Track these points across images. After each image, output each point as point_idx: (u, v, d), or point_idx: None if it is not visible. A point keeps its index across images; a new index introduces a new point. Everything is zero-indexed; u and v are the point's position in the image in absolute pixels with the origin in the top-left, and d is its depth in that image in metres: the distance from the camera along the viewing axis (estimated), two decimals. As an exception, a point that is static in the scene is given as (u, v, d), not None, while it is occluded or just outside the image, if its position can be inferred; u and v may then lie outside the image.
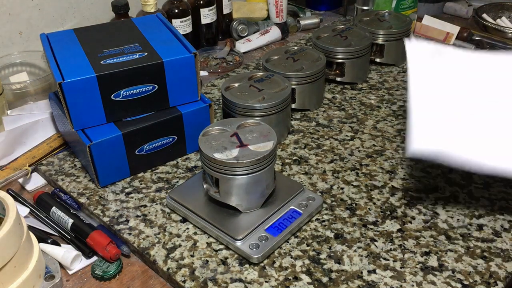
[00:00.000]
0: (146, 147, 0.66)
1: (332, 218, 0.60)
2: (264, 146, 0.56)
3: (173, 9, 0.94)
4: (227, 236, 0.56)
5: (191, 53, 0.66)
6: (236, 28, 1.06)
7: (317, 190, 0.64)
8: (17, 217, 0.50)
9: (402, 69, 0.92)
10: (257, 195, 0.58)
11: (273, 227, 0.57)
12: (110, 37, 0.70)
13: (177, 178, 0.67)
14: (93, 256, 0.58)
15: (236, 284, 0.52)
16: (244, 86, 0.73)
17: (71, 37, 0.70)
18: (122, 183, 0.66)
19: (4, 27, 0.90)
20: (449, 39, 1.01)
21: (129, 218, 0.61)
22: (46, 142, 0.75)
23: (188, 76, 0.67)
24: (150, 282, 0.55)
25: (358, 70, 0.86)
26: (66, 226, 0.60)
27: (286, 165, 0.69)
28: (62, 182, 0.67)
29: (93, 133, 0.63)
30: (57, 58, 0.65)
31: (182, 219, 0.61)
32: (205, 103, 0.69)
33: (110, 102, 0.64)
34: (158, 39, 0.69)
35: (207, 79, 0.92)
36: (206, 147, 0.56)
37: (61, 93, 0.60)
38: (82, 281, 0.55)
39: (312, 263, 0.54)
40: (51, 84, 0.86)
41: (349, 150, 0.71)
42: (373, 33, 0.89)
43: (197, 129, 0.63)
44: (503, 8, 1.14)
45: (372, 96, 0.84)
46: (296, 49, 0.83)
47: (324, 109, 0.80)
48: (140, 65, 0.63)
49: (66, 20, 0.98)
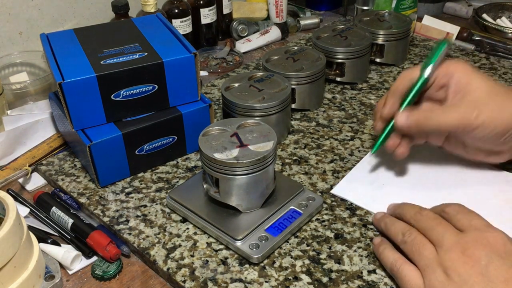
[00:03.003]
0: (146, 147, 0.66)
1: (332, 218, 0.60)
2: (264, 146, 0.56)
3: (173, 9, 0.94)
4: (227, 236, 0.56)
5: (191, 53, 0.66)
6: (236, 28, 1.06)
7: (317, 190, 0.64)
8: (17, 217, 0.50)
9: (402, 69, 0.92)
10: (257, 195, 0.58)
11: (273, 227, 0.57)
12: (110, 37, 0.70)
13: (177, 178, 0.67)
14: (93, 256, 0.58)
15: (236, 284, 0.52)
16: (244, 86, 0.73)
17: (71, 37, 0.70)
18: (122, 183, 0.66)
19: (4, 27, 0.90)
20: (449, 39, 1.01)
21: (129, 218, 0.61)
22: (46, 142, 0.75)
23: (188, 76, 0.67)
24: (150, 282, 0.55)
25: (358, 70, 0.86)
26: (66, 226, 0.60)
27: (286, 165, 0.69)
28: (62, 182, 0.67)
29: (93, 133, 0.63)
30: (57, 58, 0.65)
31: (182, 219, 0.61)
32: (205, 103, 0.69)
33: (110, 102, 0.64)
34: (158, 39, 0.69)
35: (207, 79, 0.92)
36: (206, 147, 0.56)
37: (61, 93, 0.60)
38: (82, 281, 0.55)
39: (312, 263, 0.54)
40: (51, 84, 0.86)
41: (349, 150, 0.71)
42: (373, 33, 0.89)
43: (197, 129, 0.63)
44: (503, 8, 1.14)
45: (372, 96, 0.84)
46: (296, 49, 0.83)
47: (324, 109, 0.80)
48: (140, 65, 0.63)
49: (66, 20, 0.98)
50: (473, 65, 0.60)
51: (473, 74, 0.57)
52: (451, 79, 0.58)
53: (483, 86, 0.56)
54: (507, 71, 0.90)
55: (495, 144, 0.58)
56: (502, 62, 0.93)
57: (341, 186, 0.64)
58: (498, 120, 0.55)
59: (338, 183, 0.65)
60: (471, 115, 0.55)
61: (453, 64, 0.59)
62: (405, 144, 0.61)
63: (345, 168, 0.68)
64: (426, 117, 0.57)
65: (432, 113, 0.57)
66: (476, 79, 0.57)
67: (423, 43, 1.01)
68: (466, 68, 0.58)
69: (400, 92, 0.60)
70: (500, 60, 0.94)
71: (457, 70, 0.58)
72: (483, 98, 0.56)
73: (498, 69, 0.90)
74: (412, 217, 0.52)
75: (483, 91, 0.56)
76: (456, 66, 0.59)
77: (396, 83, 0.61)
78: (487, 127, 0.55)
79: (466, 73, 0.58)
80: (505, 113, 0.55)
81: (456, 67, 0.59)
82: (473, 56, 0.95)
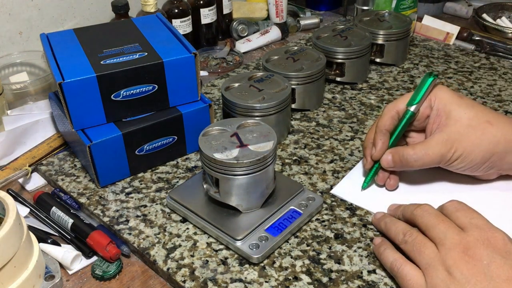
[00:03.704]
0: (146, 147, 0.66)
1: (332, 218, 0.60)
2: (264, 146, 0.56)
3: (173, 9, 0.94)
4: (227, 236, 0.56)
5: (191, 53, 0.66)
6: (236, 28, 1.06)
7: (317, 190, 0.64)
8: (17, 217, 0.50)
9: (402, 69, 0.92)
10: (257, 195, 0.58)
11: (273, 227, 0.57)
12: (110, 37, 0.70)
13: (177, 178, 0.67)
14: (93, 256, 0.58)
15: (236, 284, 0.52)
16: (244, 86, 0.73)
17: (71, 37, 0.70)
18: (122, 183, 0.66)
19: (4, 27, 0.90)
20: (449, 39, 1.01)
21: (129, 218, 0.61)
22: (46, 142, 0.75)
23: (188, 76, 0.67)
24: (150, 282, 0.55)
25: (358, 70, 0.86)
26: (66, 226, 0.60)
27: (286, 165, 0.69)
28: (62, 182, 0.67)
29: (93, 133, 0.63)
30: (57, 58, 0.65)
31: (182, 219, 0.61)
32: (205, 103, 0.69)
33: (110, 102, 0.64)
34: (158, 39, 0.69)
35: (207, 79, 0.92)
36: (206, 147, 0.56)
37: (61, 93, 0.60)
38: (82, 281, 0.55)
39: (312, 263, 0.54)
40: (51, 84, 0.86)
41: (349, 150, 0.71)
42: (373, 33, 0.89)
43: (197, 129, 0.63)
44: (503, 8, 1.14)
45: (372, 96, 0.84)
46: (296, 49, 0.83)
47: (324, 109, 0.80)
48: (140, 65, 0.63)
49: (66, 20, 0.98)
50: (455, 91, 0.61)
51: (455, 104, 0.58)
52: (432, 111, 0.60)
53: (463, 118, 0.58)
54: (507, 71, 0.90)
55: (476, 172, 0.60)
56: (502, 62, 0.93)
57: (341, 186, 0.64)
58: (474, 154, 0.57)
59: (338, 183, 0.65)
60: (449, 152, 0.57)
61: (435, 94, 0.60)
62: (394, 177, 0.63)
63: (345, 168, 0.68)
64: (408, 158, 0.59)
65: (414, 152, 0.59)
66: (457, 111, 0.58)
67: (423, 43, 1.01)
68: (447, 97, 0.59)
69: (387, 129, 0.61)
70: (500, 60, 0.94)
71: (438, 100, 0.60)
72: (462, 131, 0.57)
73: (498, 69, 0.90)
74: (412, 212, 0.53)
75: (463, 124, 0.57)
76: (437, 96, 0.60)
77: (383, 119, 0.62)
78: (464, 160, 0.58)
79: (447, 104, 0.59)
80: (482, 146, 0.57)
81: (438, 97, 0.60)
82: (473, 56, 0.95)
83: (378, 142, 0.61)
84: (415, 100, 0.60)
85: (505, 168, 0.60)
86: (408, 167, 0.60)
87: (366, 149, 0.64)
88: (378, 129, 0.62)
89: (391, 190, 0.63)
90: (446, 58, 0.95)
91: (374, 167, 0.63)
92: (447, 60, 0.94)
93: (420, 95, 0.60)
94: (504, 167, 0.60)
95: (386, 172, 0.63)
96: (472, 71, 0.90)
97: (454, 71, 0.90)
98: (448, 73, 0.90)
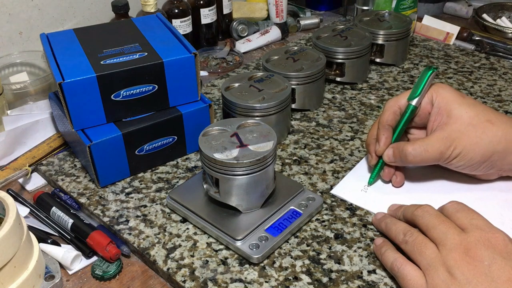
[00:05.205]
0: (146, 147, 0.66)
1: (332, 218, 0.60)
2: (264, 146, 0.56)
3: (173, 9, 0.94)
4: (227, 236, 0.56)
5: (191, 53, 0.66)
6: (236, 28, 1.06)
7: (317, 190, 0.64)
8: (17, 217, 0.50)
9: (402, 69, 0.92)
10: (257, 195, 0.58)
11: (273, 227, 0.57)
12: (110, 37, 0.70)
13: (177, 178, 0.67)
14: (93, 256, 0.58)
15: (236, 284, 0.52)
16: (244, 86, 0.73)
17: (71, 37, 0.70)
18: (122, 183, 0.66)
19: (4, 27, 0.90)
20: (449, 39, 1.01)
21: (129, 218, 0.61)
22: (46, 142, 0.75)
23: (188, 76, 0.67)
24: (150, 282, 0.55)
25: (358, 70, 0.86)
26: (66, 226, 0.60)
27: (286, 165, 0.69)
28: (62, 182, 0.67)
29: (93, 133, 0.63)
30: (57, 58, 0.65)
31: (182, 219, 0.61)
32: (205, 103, 0.69)
33: (110, 102, 0.64)
34: (158, 39, 0.69)
35: (207, 79, 0.92)
36: (206, 147, 0.56)
37: (61, 93, 0.60)
38: (82, 281, 0.55)
39: (312, 263, 0.54)
40: (51, 84, 0.86)
41: (349, 150, 0.71)
42: (373, 33, 0.89)
43: (197, 129, 0.63)
44: (503, 8, 1.14)
45: (372, 96, 0.84)
46: (296, 49, 0.83)
47: (324, 109, 0.80)
48: (140, 65, 0.63)
49: (66, 20, 0.98)
50: (456, 90, 0.61)
51: (456, 103, 0.58)
52: (434, 108, 0.60)
53: (464, 117, 0.58)
54: (507, 71, 0.90)
55: (476, 172, 0.60)
56: (502, 62, 0.93)
57: (341, 186, 0.64)
58: (474, 152, 0.57)
59: (338, 183, 0.65)
60: (448, 149, 0.57)
61: (436, 91, 0.60)
62: (400, 174, 0.63)
63: (345, 168, 0.68)
64: (407, 154, 0.59)
65: (414, 148, 0.59)
66: (458, 109, 0.58)
67: (423, 43, 1.01)
68: (449, 95, 0.59)
69: (389, 124, 0.62)
70: (500, 60, 0.94)
71: (439, 97, 0.60)
72: (462, 129, 0.57)
73: (498, 69, 0.90)
74: (413, 213, 0.53)
75: (463, 123, 0.57)
76: (439, 94, 0.60)
77: (385, 115, 0.62)
78: (463, 158, 0.58)
79: (448, 102, 0.59)
80: (482, 145, 0.57)
81: (439, 94, 0.60)
82: (473, 56, 0.96)
83: (382, 137, 0.61)
84: (415, 93, 0.60)
85: (505, 168, 0.60)
86: (407, 162, 0.60)
87: (370, 146, 0.64)
88: (381, 124, 0.62)
89: (397, 187, 0.63)
90: (446, 58, 0.95)
91: (379, 163, 0.63)
92: (447, 60, 0.94)
93: (420, 88, 0.60)
94: (504, 168, 0.60)
95: (392, 168, 0.63)
96: (472, 71, 0.90)
97: (454, 71, 0.90)
98: (448, 73, 0.90)
